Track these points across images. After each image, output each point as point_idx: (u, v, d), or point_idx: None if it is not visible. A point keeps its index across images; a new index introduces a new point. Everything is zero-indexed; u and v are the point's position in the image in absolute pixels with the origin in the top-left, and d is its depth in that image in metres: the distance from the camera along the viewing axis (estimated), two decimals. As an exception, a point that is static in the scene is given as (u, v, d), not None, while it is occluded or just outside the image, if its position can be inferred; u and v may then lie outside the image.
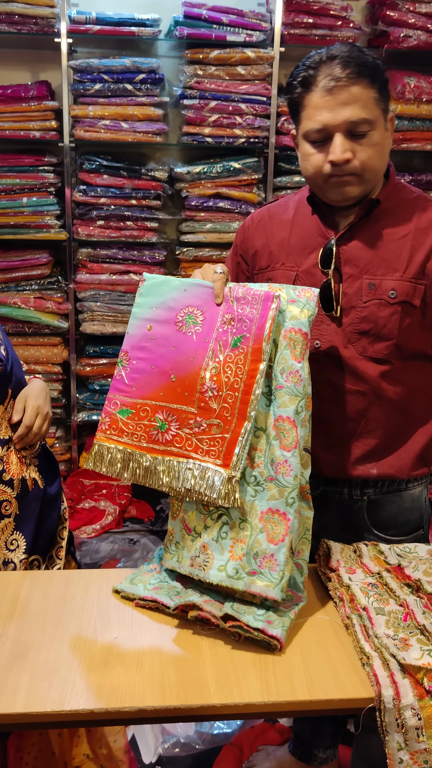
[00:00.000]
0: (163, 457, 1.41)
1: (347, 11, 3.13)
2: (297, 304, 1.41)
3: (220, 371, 1.39)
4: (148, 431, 1.43)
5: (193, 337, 1.44)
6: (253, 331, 1.39)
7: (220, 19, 3.08)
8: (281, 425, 1.37)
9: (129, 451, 1.43)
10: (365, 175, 1.46)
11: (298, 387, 1.38)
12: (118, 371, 1.48)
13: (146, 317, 1.49)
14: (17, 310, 3.28)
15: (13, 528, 1.59)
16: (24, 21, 3.03)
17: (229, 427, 1.37)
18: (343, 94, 1.40)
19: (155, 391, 1.44)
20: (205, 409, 1.39)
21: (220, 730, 2.18)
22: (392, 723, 1.14)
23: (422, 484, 1.64)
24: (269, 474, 1.37)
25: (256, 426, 1.39)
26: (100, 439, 1.46)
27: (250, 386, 1.36)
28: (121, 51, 3.22)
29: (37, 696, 1.15)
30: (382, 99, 1.45)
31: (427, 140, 3.31)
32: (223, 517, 1.38)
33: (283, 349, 1.39)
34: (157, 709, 1.15)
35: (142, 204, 3.26)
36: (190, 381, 1.42)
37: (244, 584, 1.34)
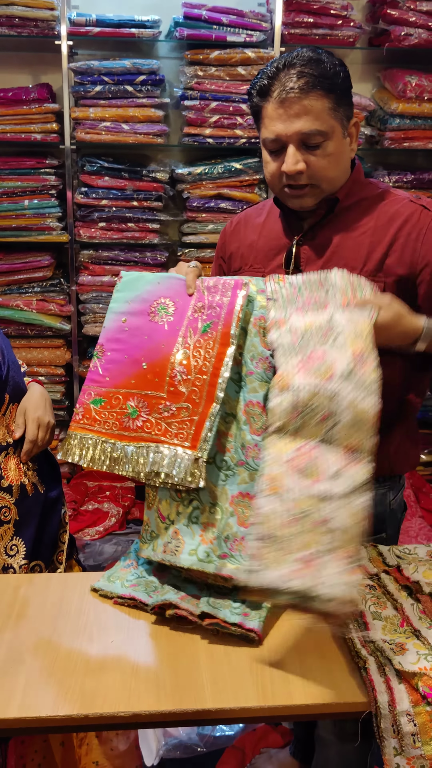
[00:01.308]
0: (133, 443, 1.42)
1: (348, 10, 3.12)
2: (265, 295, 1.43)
3: (189, 356, 1.41)
4: (120, 419, 1.44)
5: (165, 325, 1.47)
6: (223, 316, 1.41)
7: (220, 20, 3.08)
8: (251, 410, 1.40)
9: (101, 440, 1.45)
10: (321, 185, 1.46)
11: (268, 373, 1.40)
12: (93, 363, 1.51)
13: (121, 311, 1.53)
14: (20, 313, 3.28)
15: (13, 533, 1.59)
16: (24, 24, 3.04)
17: (197, 409, 1.37)
18: (295, 106, 1.40)
19: (127, 380, 1.46)
20: (174, 394, 1.41)
21: (222, 732, 2.18)
22: (388, 729, 1.13)
23: (386, 487, 1.62)
24: (239, 458, 1.39)
25: (227, 411, 1.40)
26: (73, 429, 1.49)
27: (218, 369, 1.37)
28: (121, 53, 3.22)
29: (32, 701, 1.15)
30: (341, 108, 1.44)
31: (428, 139, 3.30)
32: (194, 501, 1.39)
33: (252, 336, 1.42)
34: (152, 713, 1.15)
35: (144, 205, 3.26)
36: (160, 367, 1.44)
37: (215, 567, 1.35)
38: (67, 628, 1.33)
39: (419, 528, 3.11)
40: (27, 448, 1.61)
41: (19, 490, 1.60)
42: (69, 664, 1.24)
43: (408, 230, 1.46)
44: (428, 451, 3.66)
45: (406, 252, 1.46)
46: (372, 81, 3.43)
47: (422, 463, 3.65)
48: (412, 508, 3.24)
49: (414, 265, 1.45)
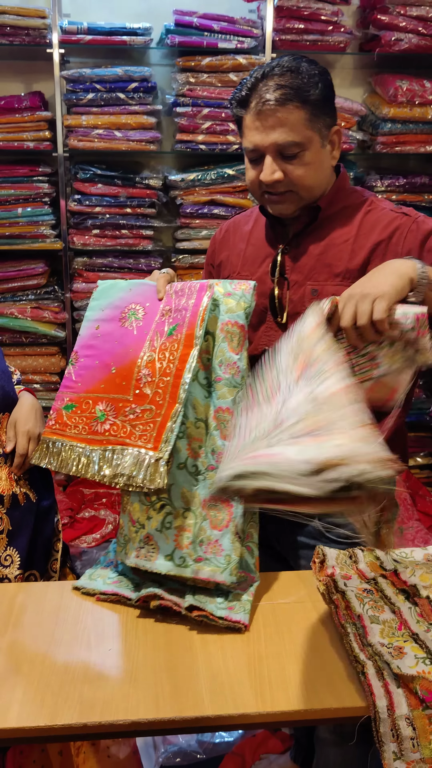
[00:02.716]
0: (100, 447, 1.43)
1: (338, 16, 3.14)
2: (233, 297, 1.45)
3: (155, 359, 1.43)
4: (89, 423, 1.46)
5: (134, 330, 1.49)
6: (187, 318, 1.42)
7: (212, 27, 3.09)
8: (221, 416, 1.41)
9: (71, 444, 1.46)
10: (300, 192, 1.49)
11: (236, 378, 1.42)
12: (68, 370, 1.54)
13: (95, 318, 1.55)
14: (14, 321, 3.28)
15: (6, 544, 1.58)
16: (16, 32, 3.04)
17: (160, 411, 1.38)
18: (270, 119, 1.43)
19: (97, 384, 1.48)
20: (139, 396, 1.42)
21: (221, 739, 2.17)
22: (387, 733, 1.13)
23: None
24: (210, 463, 1.41)
25: (197, 417, 1.41)
26: (46, 434, 1.50)
27: (182, 370, 1.38)
28: (113, 60, 3.23)
29: (30, 710, 1.14)
30: (318, 118, 1.45)
31: (420, 143, 3.31)
32: (166, 507, 1.39)
33: (220, 341, 1.43)
34: (151, 721, 1.14)
35: (137, 212, 3.26)
36: (127, 371, 1.45)
37: (192, 571, 1.37)
38: (64, 636, 1.33)
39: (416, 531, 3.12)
40: (18, 462, 1.61)
41: (10, 500, 1.59)
42: (67, 672, 1.23)
43: (389, 234, 1.49)
44: (424, 454, 3.67)
45: (388, 255, 1.48)
46: (363, 86, 3.45)
47: (419, 466, 3.66)
48: (409, 512, 3.24)
49: None
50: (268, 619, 1.38)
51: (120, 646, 1.30)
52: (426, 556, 1.48)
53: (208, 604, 1.35)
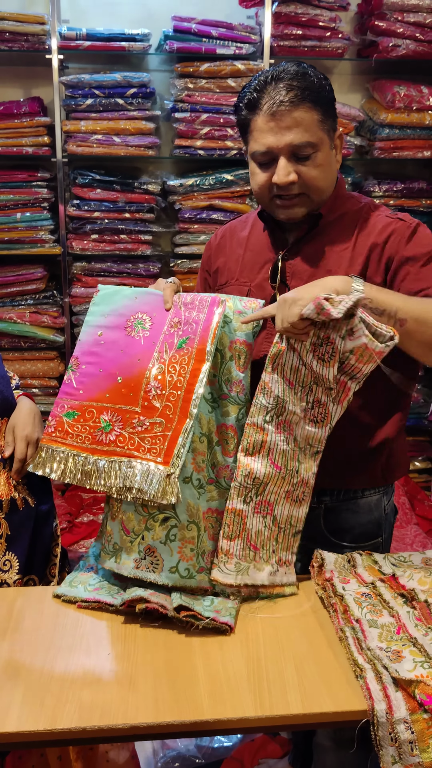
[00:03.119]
0: (105, 457, 1.42)
1: (336, 22, 3.15)
2: (243, 316, 1.46)
3: (164, 371, 1.42)
4: (93, 432, 1.44)
5: (141, 340, 1.48)
6: (199, 332, 1.42)
7: (210, 33, 3.10)
8: (225, 432, 1.43)
9: (73, 453, 1.45)
10: (311, 195, 1.49)
11: (241, 396, 1.44)
12: (68, 376, 1.52)
13: (97, 324, 1.54)
14: (13, 325, 3.29)
15: (5, 549, 1.59)
16: (15, 38, 3.05)
17: (171, 425, 1.38)
18: (286, 119, 1.42)
19: (101, 393, 1.46)
20: (148, 408, 1.41)
21: (220, 743, 2.17)
22: (386, 737, 1.13)
23: (380, 492, 1.65)
24: (210, 476, 1.42)
25: (201, 432, 1.41)
26: (45, 442, 1.49)
27: (193, 385, 1.39)
28: (112, 66, 3.24)
29: (29, 714, 1.15)
30: (327, 120, 1.47)
31: (417, 148, 3.32)
32: (170, 520, 1.39)
33: (228, 360, 1.44)
34: (150, 725, 1.14)
35: (136, 217, 3.27)
36: (135, 382, 1.44)
37: (196, 582, 1.40)
38: (63, 640, 1.33)
39: (414, 535, 3.12)
40: (17, 467, 1.61)
41: (9, 505, 1.60)
42: (66, 677, 1.23)
43: (384, 239, 1.50)
44: (423, 458, 3.67)
45: (383, 260, 1.50)
46: (361, 92, 3.46)
47: (417, 471, 3.66)
48: (407, 516, 3.24)
49: (388, 268, 1.50)
50: (266, 623, 1.39)
51: (119, 651, 1.31)
52: (424, 560, 1.49)
53: (195, 606, 1.36)
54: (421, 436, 3.66)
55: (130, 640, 1.34)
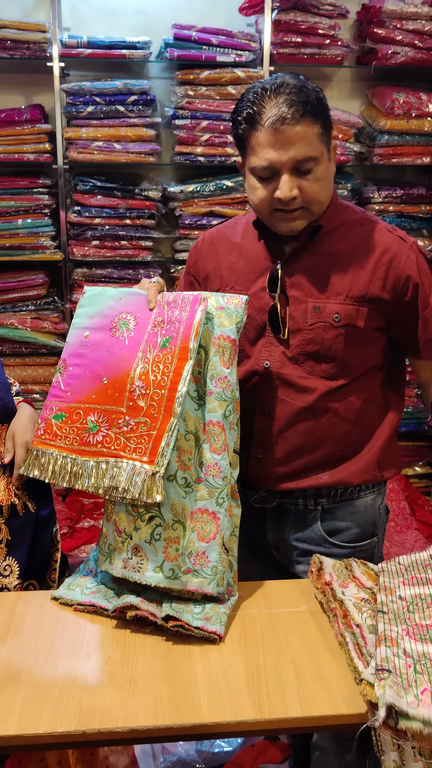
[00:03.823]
0: (93, 458, 1.43)
1: (335, 30, 3.17)
2: (225, 311, 1.46)
3: (148, 371, 1.43)
4: (80, 434, 1.45)
5: (126, 341, 1.49)
6: (181, 331, 1.42)
7: (210, 41, 3.12)
8: (211, 429, 1.42)
9: (62, 455, 1.46)
10: (312, 208, 1.50)
11: (227, 392, 1.43)
12: (56, 379, 1.53)
13: (84, 326, 1.54)
14: (14, 331, 3.30)
15: (5, 554, 1.59)
16: (16, 46, 3.08)
17: (155, 424, 1.39)
18: (288, 133, 1.41)
19: (88, 395, 1.47)
20: (133, 408, 1.42)
21: (220, 748, 2.17)
22: (388, 742, 1.13)
23: (375, 492, 1.66)
24: (198, 476, 1.41)
25: (187, 429, 1.41)
26: (35, 444, 1.50)
27: (176, 383, 1.39)
28: (112, 73, 3.26)
29: (29, 718, 1.15)
30: (325, 133, 1.47)
31: (416, 154, 3.34)
32: (155, 519, 1.39)
33: (212, 356, 1.44)
34: (149, 728, 1.15)
35: (137, 223, 3.29)
36: (120, 382, 1.45)
37: (181, 583, 1.38)
38: (63, 644, 1.34)
39: (414, 540, 3.12)
40: (17, 474, 1.62)
41: (9, 510, 1.60)
42: (66, 680, 1.24)
43: (389, 258, 1.53)
44: (423, 463, 3.68)
45: (389, 278, 1.53)
46: (360, 98, 3.48)
47: (417, 476, 3.66)
48: (408, 521, 3.25)
49: (396, 289, 1.53)
50: (265, 626, 1.39)
51: (119, 654, 1.31)
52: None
53: (184, 614, 1.35)
54: (422, 441, 3.67)
55: (130, 643, 1.34)
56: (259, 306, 1.59)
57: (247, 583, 1.56)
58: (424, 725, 1.08)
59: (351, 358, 1.55)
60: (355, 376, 1.57)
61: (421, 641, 1.22)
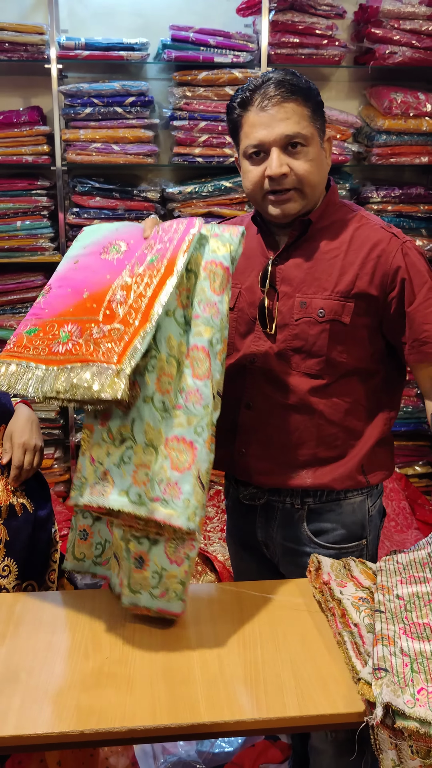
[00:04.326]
0: (57, 366, 1.36)
1: (333, 30, 3.18)
2: (220, 239, 1.41)
3: (131, 283, 1.38)
4: (50, 344, 1.39)
5: (114, 261, 1.46)
6: (171, 248, 1.38)
7: (207, 42, 3.13)
8: (195, 354, 1.36)
9: (26, 365, 1.39)
10: (304, 189, 1.50)
11: (215, 319, 1.37)
12: (37, 301, 1.49)
13: (75, 254, 1.53)
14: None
15: (4, 554, 1.59)
16: (14, 48, 3.08)
17: (129, 329, 1.31)
18: (277, 110, 1.46)
19: (66, 309, 1.42)
20: (109, 317, 1.36)
21: (221, 749, 2.17)
22: (386, 741, 1.13)
23: (363, 494, 1.65)
24: (177, 402, 1.34)
25: (169, 353, 1.35)
26: (2, 357, 1.44)
27: (158, 293, 1.32)
28: (110, 75, 3.27)
29: (28, 718, 1.15)
30: (317, 118, 1.50)
31: (415, 154, 3.34)
32: (126, 441, 1.33)
33: (202, 280, 1.39)
34: (147, 728, 1.15)
35: (135, 224, 3.29)
36: (100, 294, 1.41)
37: (147, 510, 1.29)
38: (61, 645, 1.34)
39: (415, 540, 3.12)
40: (14, 474, 1.62)
41: (7, 510, 1.60)
42: (64, 681, 1.24)
43: (378, 254, 1.52)
44: (423, 463, 3.68)
45: (377, 274, 1.52)
46: (358, 98, 3.49)
47: (417, 475, 3.66)
48: (408, 520, 3.24)
49: (384, 285, 1.52)
50: (263, 625, 1.39)
51: (116, 654, 1.31)
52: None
53: (142, 593, 1.35)
54: (421, 441, 3.67)
55: (128, 643, 1.34)
56: (251, 300, 1.60)
57: (244, 582, 1.56)
58: (420, 724, 1.09)
59: (336, 355, 1.55)
60: (340, 375, 1.56)
61: (418, 639, 1.22)
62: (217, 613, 1.43)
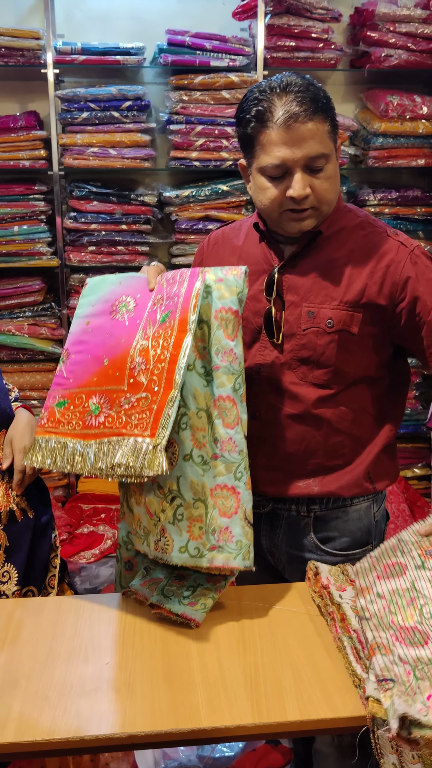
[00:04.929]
0: (95, 440, 1.40)
1: (328, 33, 3.18)
2: (225, 283, 1.42)
3: (148, 347, 1.40)
4: (83, 417, 1.43)
5: (126, 321, 1.48)
6: (180, 304, 1.40)
7: (204, 46, 3.13)
8: (222, 404, 1.40)
9: (63, 441, 1.43)
10: (322, 207, 1.48)
11: (234, 365, 1.40)
12: (59, 368, 1.52)
13: (85, 314, 1.54)
14: (11, 337, 3.30)
15: (4, 560, 1.59)
16: (10, 53, 3.08)
17: (156, 398, 1.35)
18: (302, 131, 1.40)
19: (90, 378, 1.45)
20: (134, 385, 1.39)
21: (222, 753, 2.16)
22: (386, 744, 1.13)
23: (369, 500, 1.64)
24: (214, 452, 1.40)
25: (198, 407, 1.39)
26: (38, 434, 1.48)
27: (176, 356, 1.35)
28: (107, 79, 3.27)
29: (27, 725, 1.15)
30: (334, 131, 1.47)
31: (411, 157, 3.35)
32: (176, 499, 1.39)
33: (215, 329, 1.41)
34: (148, 734, 1.14)
35: (133, 229, 3.29)
36: (120, 361, 1.43)
37: (207, 560, 1.38)
38: (61, 650, 1.34)
39: (414, 542, 3.11)
40: (17, 479, 1.62)
41: (8, 516, 1.60)
42: (64, 686, 1.24)
43: (387, 263, 1.50)
44: (422, 465, 3.67)
45: (386, 284, 1.50)
46: (354, 102, 3.49)
47: (416, 477, 3.66)
48: (407, 522, 3.24)
49: (393, 295, 1.50)
50: (263, 629, 1.39)
51: (117, 660, 1.31)
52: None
53: (171, 599, 1.40)
54: (420, 443, 3.67)
55: (128, 648, 1.34)
56: (255, 309, 1.58)
57: (244, 586, 1.55)
58: None
59: (344, 365, 1.53)
60: (347, 384, 1.55)
61: (411, 645, 1.21)
62: (217, 617, 1.43)
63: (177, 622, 1.37)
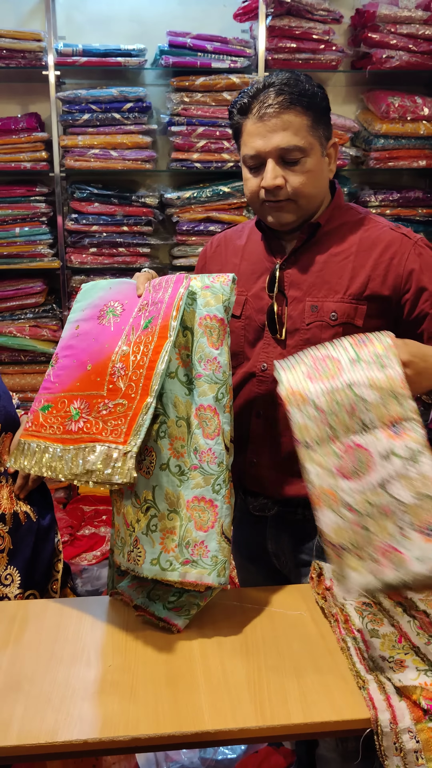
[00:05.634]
0: (73, 445, 1.38)
1: (329, 35, 3.18)
2: (211, 290, 1.41)
3: (129, 353, 1.39)
4: (63, 422, 1.42)
5: (111, 326, 1.47)
6: (162, 310, 1.39)
7: (205, 47, 3.13)
8: (203, 414, 1.38)
9: (44, 445, 1.43)
10: (299, 201, 1.49)
11: (217, 374, 1.38)
12: (48, 372, 1.52)
13: (76, 319, 1.54)
14: (13, 339, 3.30)
15: (7, 563, 1.58)
16: (12, 55, 3.09)
17: (132, 404, 1.34)
18: (274, 121, 1.43)
19: (73, 383, 1.45)
20: (113, 391, 1.38)
21: (224, 755, 2.16)
22: (390, 747, 1.13)
23: None
24: (193, 463, 1.37)
25: (178, 415, 1.37)
26: (23, 437, 1.48)
27: (155, 362, 1.33)
28: (108, 81, 3.27)
29: (30, 727, 1.14)
30: (319, 126, 1.47)
31: (412, 158, 3.35)
32: (151, 509, 1.36)
33: (199, 337, 1.40)
34: (151, 737, 1.14)
35: (134, 230, 3.29)
36: (102, 366, 1.42)
37: (179, 575, 1.34)
38: (64, 653, 1.33)
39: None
40: (20, 483, 1.62)
41: (12, 519, 1.60)
42: (67, 689, 1.23)
43: (390, 255, 1.50)
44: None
45: (390, 275, 1.50)
46: (356, 103, 3.49)
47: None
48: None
49: (398, 287, 1.50)
50: (266, 632, 1.39)
51: (119, 662, 1.30)
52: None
53: (156, 603, 1.39)
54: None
55: (131, 651, 1.34)
56: (258, 306, 1.58)
57: (246, 588, 1.55)
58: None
59: None
60: None
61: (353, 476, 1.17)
62: (220, 619, 1.43)
63: (159, 626, 1.38)
